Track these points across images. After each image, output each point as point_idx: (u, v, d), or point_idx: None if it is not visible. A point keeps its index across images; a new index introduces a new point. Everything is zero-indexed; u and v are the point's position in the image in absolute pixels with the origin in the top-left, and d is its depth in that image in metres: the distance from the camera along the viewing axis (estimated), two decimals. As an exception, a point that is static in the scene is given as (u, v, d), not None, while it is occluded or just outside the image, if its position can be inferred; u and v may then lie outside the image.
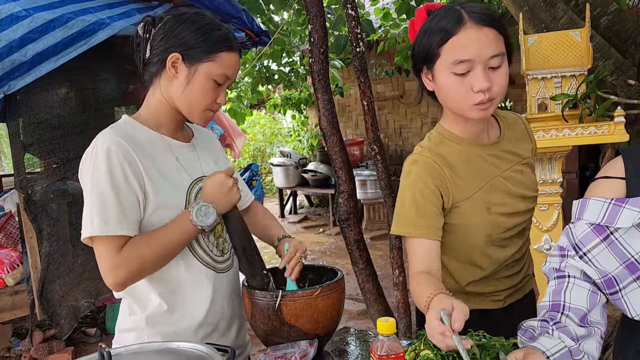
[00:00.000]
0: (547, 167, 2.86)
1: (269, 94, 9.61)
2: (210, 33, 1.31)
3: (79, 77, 3.17)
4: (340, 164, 3.06)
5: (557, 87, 2.82)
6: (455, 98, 1.28)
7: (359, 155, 8.20)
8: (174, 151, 1.38)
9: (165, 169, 1.33)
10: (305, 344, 1.26)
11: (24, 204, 3.18)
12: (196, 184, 1.38)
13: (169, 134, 1.39)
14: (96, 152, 1.24)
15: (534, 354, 1.10)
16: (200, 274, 1.36)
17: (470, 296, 1.46)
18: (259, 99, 7.71)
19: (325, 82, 2.99)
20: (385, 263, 5.84)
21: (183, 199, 1.33)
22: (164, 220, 1.29)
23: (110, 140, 1.25)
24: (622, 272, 1.17)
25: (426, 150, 1.38)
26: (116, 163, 1.23)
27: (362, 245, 3.10)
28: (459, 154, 1.37)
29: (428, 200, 1.31)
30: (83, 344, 4.09)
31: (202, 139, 1.53)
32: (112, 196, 1.22)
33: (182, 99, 1.33)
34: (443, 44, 1.24)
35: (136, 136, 1.31)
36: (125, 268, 1.22)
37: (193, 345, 0.96)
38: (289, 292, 1.26)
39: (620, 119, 2.58)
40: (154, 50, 1.32)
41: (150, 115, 1.37)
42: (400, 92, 8.51)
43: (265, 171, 11.71)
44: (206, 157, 1.48)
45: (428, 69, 1.32)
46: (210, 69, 1.30)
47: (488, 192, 1.36)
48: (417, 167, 1.35)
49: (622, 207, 1.16)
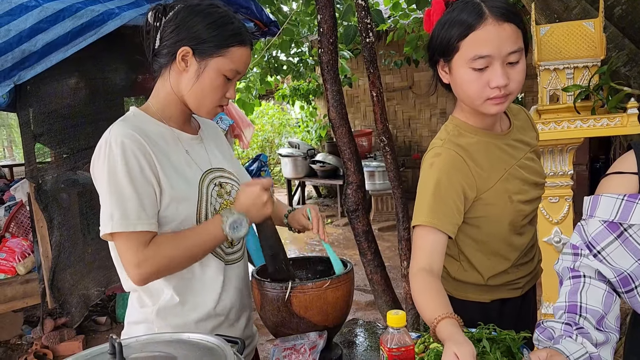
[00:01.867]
0: (558, 159, 2.84)
1: (278, 84, 9.59)
2: (222, 27, 1.28)
3: (88, 67, 3.18)
4: (349, 155, 3.05)
5: (569, 78, 2.78)
6: (471, 93, 1.28)
7: (367, 146, 8.18)
8: (184, 144, 1.37)
9: (177, 162, 1.32)
10: (314, 335, 1.26)
11: (35, 193, 3.20)
12: (206, 176, 1.37)
13: (177, 126, 1.38)
14: (110, 147, 1.22)
15: (558, 356, 1.09)
16: (211, 265, 1.36)
17: (492, 288, 1.47)
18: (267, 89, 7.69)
19: (334, 73, 2.97)
20: (393, 254, 5.84)
21: (196, 192, 1.32)
22: (177, 214, 1.29)
23: (124, 134, 1.23)
24: (637, 270, 1.15)
25: (448, 142, 1.36)
26: (132, 157, 1.22)
27: (371, 237, 3.10)
28: (478, 145, 1.37)
29: (449, 194, 1.30)
30: (94, 332, 4.13)
31: (208, 131, 1.52)
32: (131, 191, 1.21)
33: (191, 94, 1.31)
34: (463, 38, 1.24)
35: (147, 129, 1.30)
36: (149, 266, 1.22)
37: (203, 336, 0.97)
38: (298, 284, 1.26)
39: (634, 111, 2.55)
40: (164, 42, 1.30)
41: (159, 107, 1.36)
42: (409, 83, 8.46)
43: (274, 162, 11.72)
44: (213, 149, 1.47)
45: (445, 62, 1.31)
46: (220, 64, 1.29)
47: (507, 181, 1.37)
48: (440, 160, 1.33)
49: (636, 203, 1.14)
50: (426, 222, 1.28)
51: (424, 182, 1.34)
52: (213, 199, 1.37)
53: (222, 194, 1.40)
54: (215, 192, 1.38)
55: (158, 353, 0.91)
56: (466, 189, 1.32)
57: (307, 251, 6.54)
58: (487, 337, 1.21)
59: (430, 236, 1.28)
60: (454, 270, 1.49)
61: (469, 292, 1.48)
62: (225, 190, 1.42)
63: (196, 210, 1.32)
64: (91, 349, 0.94)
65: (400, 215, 3.00)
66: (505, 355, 1.17)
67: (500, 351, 1.16)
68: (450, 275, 1.50)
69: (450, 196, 1.30)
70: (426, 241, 1.28)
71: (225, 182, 1.42)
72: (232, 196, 1.42)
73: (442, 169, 1.31)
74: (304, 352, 1.20)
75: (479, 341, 1.21)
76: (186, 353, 0.90)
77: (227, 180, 1.44)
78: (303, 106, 9.75)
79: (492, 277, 1.45)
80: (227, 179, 1.44)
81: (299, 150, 8.63)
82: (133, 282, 1.24)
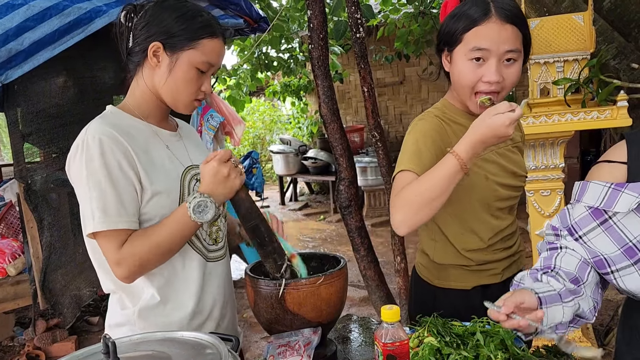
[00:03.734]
0: (549, 152, 2.85)
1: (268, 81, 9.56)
2: (191, 20, 1.28)
3: (76, 65, 3.15)
4: (340, 151, 3.05)
5: (559, 71, 2.79)
6: (465, 83, 1.37)
7: (359, 142, 8.18)
8: (164, 139, 1.37)
9: (157, 157, 1.31)
10: (308, 331, 1.26)
11: (24, 193, 3.18)
12: (188, 171, 1.37)
13: (155, 123, 1.37)
14: (87, 145, 1.21)
15: (521, 292, 1.13)
16: (192, 263, 1.35)
17: (471, 271, 1.51)
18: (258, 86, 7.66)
19: (325, 69, 2.96)
20: (386, 250, 5.85)
21: (178, 187, 1.32)
22: (159, 210, 1.28)
23: (101, 131, 1.22)
24: (618, 256, 1.17)
25: (432, 111, 1.48)
26: (110, 154, 1.21)
27: (364, 232, 3.10)
28: (460, 125, 1.45)
29: (427, 146, 1.37)
30: (86, 332, 4.11)
31: (185, 129, 1.52)
32: (110, 188, 1.20)
33: (165, 89, 1.31)
34: (467, 31, 1.34)
35: (125, 126, 1.29)
36: (125, 265, 1.21)
37: (197, 334, 0.96)
38: (292, 281, 1.25)
39: (623, 104, 2.56)
40: (136, 39, 1.30)
41: (136, 105, 1.35)
42: (400, 78, 8.47)
43: (265, 159, 11.70)
44: (192, 146, 1.47)
45: (449, 51, 1.41)
46: (192, 57, 1.28)
47: (485, 162, 1.45)
48: (422, 122, 1.44)
49: (621, 192, 1.16)
50: (406, 167, 1.35)
51: (406, 140, 1.44)
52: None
53: None
54: (197, 187, 1.36)
55: (152, 352, 0.91)
56: (444, 148, 1.37)
57: (300, 248, 6.54)
58: (481, 331, 1.21)
59: (410, 178, 1.33)
60: (432, 251, 1.55)
61: (450, 279, 1.53)
62: None
63: (179, 204, 1.31)
64: (85, 349, 0.93)
65: (393, 210, 3.00)
66: (499, 347, 1.17)
67: (494, 344, 1.16)
68: (430, 259, 1.56)
69: (429, 148, 1.37)
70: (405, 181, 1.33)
71: None
72: None
73: (424, 128, 1.42)
74: (298, 349, 1.20)
75: (473, 334, 1.21)
76: (180, 351, 0.90)
77: None
78: (294, 102, 9.74)
79: (469, 252, 1.49)
80: None
81: (290, 147, 8.62)
82: (120, 280, 1.24)
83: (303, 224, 7.65)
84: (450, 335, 1.21)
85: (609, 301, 3.80)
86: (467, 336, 1.21)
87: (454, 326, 1.27)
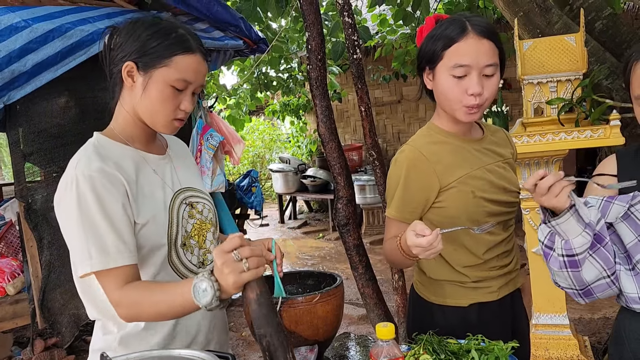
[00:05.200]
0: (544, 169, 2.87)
1: (268, 100, 9.63)
2: (164, 37, 1.24)
3: (78, 86, 3.18)
4: (339, 169, 3.07)
5: (552, 91, 2.84)
6: (450, 97, 1.43)
7: (357, 160, 8.22)
8: (151, 165, 1.33)
9: (146, 186, 1.28)
10: (305, 350, 1.27)
11: (25, 212, 3.19)
12: (177, 197, 1.34)
13: (142, 147, 1.34)
14: (77, 183, 1.16)
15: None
16: None
17: (467, 288, 1.52)
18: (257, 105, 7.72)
19: (323, 89, 3.00)
20: (384, 267, 5.85)
21: (166, 216, 1.28)
22: (147, 239, 1.25)
23: (92, 168, 1.18)
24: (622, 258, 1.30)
25: (412, 142, 1.53)
26: (103, 190, 1.17)
27: (362, 250, 3.11)
28: (446, 145, 1.51)
29: (410, 189, 1.46)
30: (84, 352, 4.08)
31: (175, 148, 1.48)
32: (106, 225, 1.16)
33: (141, 109, 1.27)
34: (447, 48, 1.40)
35: (113, 156, 1.25)
36: (124, 309, 1.16)
37: (193, 352, 0.97)
38: (288, 299, 1.27)
39: (616, 122, 2.60)
40: (113, 61, 1.27)
41: (120, 130, 1.31)
42: (398, 97, 8.54)
43: (265, 177, 11.72)
44: (182, 167, 1.43)
45: (430, 69, 1.47)
46: (165, 75, 1.23)
47: (473, 179, 1.48)
48: (403, 157, 1.49)
49: (612, 203, 1.28)
50: (392, 216, 1.49)
51: (390, 177, 1.54)
52: (184, 220, 1.33)
53: (193, 214, 1.37)
54: (187, 213, 1.35)
55: (150, 370, 0.92)
56: (428, 183, 1.46)
57: (298, 266, 6.53)
58: (476, 348, 1.23)
59: (397, 225, 1.48)
60: (428, 267, 1.57)
61: (446, 295, 1.54)
62: (197, 210, 1.39)
63: (167, 234, 1.29)
64: (83, 367, 0.95)
65: (391, 228, 3.02)
66: (493, 365, 1.18)
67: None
68: (427, 276, 1.58)
69: (412, 190, 1.46)
70: (391, 228, 1.50)
71: (196, 202, 1.39)
72: (204, 215, 1.40)
73: (404, 166, 1.47)
74: (295, 367, 1.21)
75: (468, 352, 1.23)
76: (178, 369, 0.91)
77: (198, 199, 1.41)
78: (293, 121, 9.79)
79: (465, 268, 1.52)
80: (198, 198, 1.41)
81: (289, 166, 8.65)
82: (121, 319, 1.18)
83: (302, 242, 7.65)
84: (445, 352, 1.22)
85: (607, 319, 3.80)
86: (462, 353, 1.23)
87: (449, 344, 1.28)
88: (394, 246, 1.39)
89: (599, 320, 3.81)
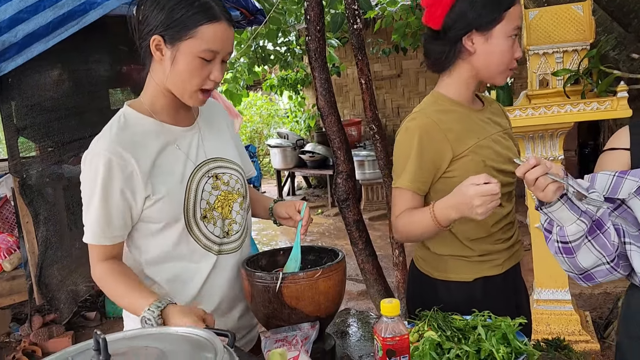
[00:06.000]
0: (548, 144, 2.83)
1: (265, 74, 9.51)
2: (187, 8, 1.21)
3: (71, 58, 3.10)
4: (338, 144, 3.02)
5: (558, 62, 2.77)
6: (504, 60, 1.42)
7: (356, 135, 8.15)
8: (176, 139, 1.33)
9: (166, 163, 1.29)
10: (306, 326, 1.24)
11: (19, 188, 3.14)
12: (199, 170, 1.34)
13: (169, 119, 1.34)
14: (97, 159, 1.23)
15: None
16: (200, 257, 1.34)
17: (472, 262, 1.50)
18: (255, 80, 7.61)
19: (322, 61, 2.93)
20: (384, 243, 5.84)
21: (183, 191, 1.30)
22: (162, 214, 1.28)
23: (111, 150, 1.23)
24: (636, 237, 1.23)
25: (422, 110, 1.48)
26: (114, 177, 1.23)
27: (362, 226, 3.08)
28: (454, 114, 1.47)
29: (423, 158, 1.41)
30: (83, 327, 4.08)
31: (208, 116, 1.46)
32: (102, 209, 1.24)
33: (171, 82, 1.26)
34: (508, 8, 1.38)
35: (135, 133, 1.27)
36: (95, 280, 1.30)
37: (192, 329, 0.94)
38: (289, 274, 1.23)
39: (623, 94, 2.54)
40: (141, 34, 1.27)
41: (149, 102, 1.32)
42: (398, 71, 8.42)
43: (263, 153, 11.67)
44: (211, 137, 1.42)
45: (479, 31, 1.40)
46: (192, 47, 1.21)
47: (481, 148, 1.45)
48: (415, 124, 1.44)
49: (624, 179, 1.21)
50: (405, 186, 1.43)
51: (399, 147, 1.47)
52: (206, 193, 1.33)
53: (217, 185, 1.36)
54: (210, 185, 1.35)
55: (145, 348, 0.88)
56: (440, 151, 1.42)
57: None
58: (483, 325, 1.19)
59: (409, 197, 1.44)
60: (432, 242, 1.54)
61: (450, 271, 1.52)
62: (222, 181, 1.38)
63: (183, 209, 1.30)
64: (76, 345, 0.91)
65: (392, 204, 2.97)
66: (501, 342, 1.15)
67: (496, 338, 1.14)
68: (430, 251, 1.55)
69: (425, 159, 1.42)
70: (404, 201, 1.45)
71: (222, 173, 1.39)
72: (230, 186, 1.39)
73: (416, 133, 1.42)
74: (296, 344, 1.18)
75: (474, 328, 1.19)
76: (174, 348, 0.87)
77: (225, 169, 1.40)
78: (291, 96, 9.69)
79: (471, 242, 1.49)
80: (224, 169, 1.40)
81: (287, 141, 8.58)
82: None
83: (301, 218, 7.62)
84: (451, 329, 1.19)
85: (608, 294, 3.80)
86: (469, 330, 1.19)
87: (454, 320, 1.25)
88: (421, 217, 1.36)
89: (600, 295, 3.80)
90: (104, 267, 1.28)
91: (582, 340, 2.83)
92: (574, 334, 2.86)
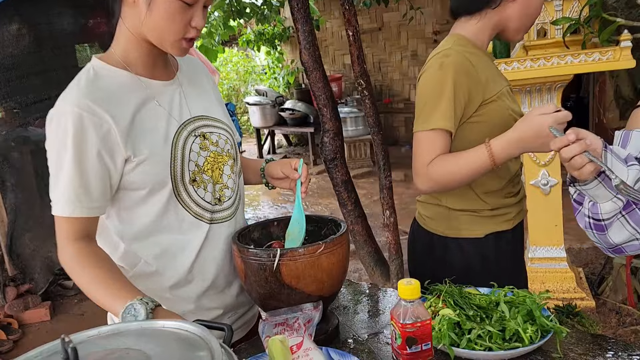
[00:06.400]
0: (545, 97, 2.70)
1: (241, 29, 9.15)
2: None
3: (30, 11, 2.85)
4: (324, 100, 2.85)
5: (557, 10, 2.61)
6: (535, 14, 1.39)
7: (337, 91, 7.95)
8: (155, 94, 1.17)
9: (146, 120, 1.13)
10: (309, 307, 1.10)
11: (-18, 154, 2.93)
12: (184, 128, 1.18)
13: (146, 73, 1.17)
14: (64, 117, 1.05)
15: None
16: (191, 226, 1.20)
17: (483, 217, 1.44)
18: (230, 35, 7.31)
19: (306, 12, 2.73)
20: (369, 202, 5.74)
21: (168, 152, 1.14)
22: (147, 179, 1.13)
23: (81, 106, 1.05)
24: None
25: (455, 47, 1.36)
26: (86, 135, 1.06)
27: (350, 186, 2.95)
28: (479, 57, 1.39)
29: (459, 97, 1.31)
30: (61, 297, 3.93)
31: (188, 71, 1.30)
32: (77, 173, 1.06)
33: (148, 29, 1.09)
34: None
35: (108, 87, 1.11)
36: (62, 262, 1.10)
37: (180, 324, 0.79)
38: (288, 251, 1.08)
39: (627, 44, 2.41)
40: None
41: (121, 53, 1.15)
42: (379, 25, 8.16)
43: (241, 111, 11.38)
44: (194, 94, 1.26)
45: None
46: None
47: (504, 96, 1.39)
48: (450, 61, 1.32)
49: None
50: (441, 126, 1.30)
51: (428, 84, 1.35)
52: (194, 154, 1.18)
53: (206, 146, 1.21)
54: (198, 145, 1.19)
55: (125, 350, 0.74)
56: (473, 93, 1.33)
57: (280, 202, 6.39)
58: (505, 301, 1.07)
59: (443, 138, 1.31)
60: (446, 196, 1.45)
61: (462, 228, 1.45)
62: (211, 141, 1.22)
63: (170, 172, 1.14)
64: (44, 347, 0.76)
65: (382, 162, 2.84)
66: (526, 319, 1.03)
67: (521, 315, 1.03)
68: (442, 206, 1.47)
69: (459, 97, 1.31)
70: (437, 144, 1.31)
71: (210, 132, 1.23)
72: (220, 147, 1.24)
73: (451, 70, 1.30)
74: (298, 328, 1.04)
75: (497, 305, 1.07)
76: (161, 349, 0.73)
77: (213, 129, 1.24)
78: (269, 52, 9.39)
79: (486, 195, 1.43)
80: (212, 128, 1.24)
81: (266, 98, 8.34)
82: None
83: (282, 178, 7.49)
84: (471, 307, 1.06)
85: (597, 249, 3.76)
86: (490, 307, 1.07)
87: (471, 295, 1.13)
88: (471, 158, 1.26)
89: (589, 250, 3.77)
90: (77, 248, 1.09)
91: (577, 297, 2.79)
92: (569, 291, 2.81)
